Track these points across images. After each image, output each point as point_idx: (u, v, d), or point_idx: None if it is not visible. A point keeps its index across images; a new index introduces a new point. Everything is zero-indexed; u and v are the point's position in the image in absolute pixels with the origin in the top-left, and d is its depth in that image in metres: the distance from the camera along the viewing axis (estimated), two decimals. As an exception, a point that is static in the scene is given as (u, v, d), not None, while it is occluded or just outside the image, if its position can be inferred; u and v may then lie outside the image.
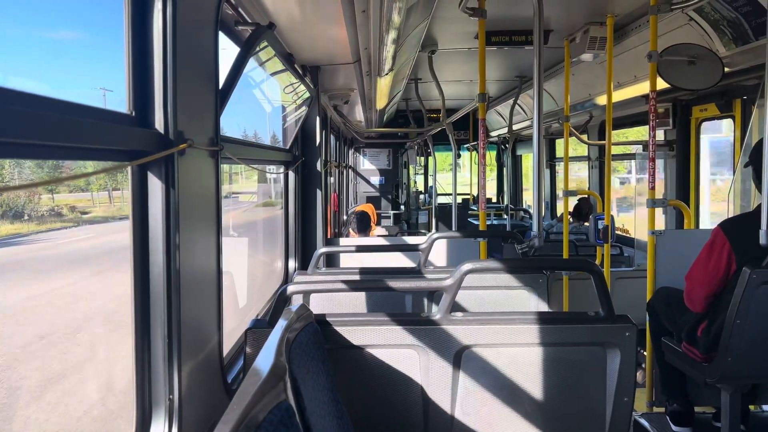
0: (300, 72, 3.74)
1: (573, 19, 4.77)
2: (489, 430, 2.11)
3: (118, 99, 1.52)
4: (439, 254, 4.64)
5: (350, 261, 4.62)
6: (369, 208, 8.97)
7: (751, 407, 3.60)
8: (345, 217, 9.83)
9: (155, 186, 1.56)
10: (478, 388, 2.10)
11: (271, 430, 1.17)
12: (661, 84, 3.91)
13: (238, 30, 2.54)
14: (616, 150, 6.84)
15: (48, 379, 2.27)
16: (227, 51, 2.35)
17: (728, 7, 3.75)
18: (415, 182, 14.55)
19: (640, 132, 7.70)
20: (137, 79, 1.53)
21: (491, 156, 12.71)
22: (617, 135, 7.97)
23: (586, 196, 7.04)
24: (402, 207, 13.06)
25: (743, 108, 4.74)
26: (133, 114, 1.53)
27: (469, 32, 5.12)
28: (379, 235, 7.08)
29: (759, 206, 3.02)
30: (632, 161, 8.73)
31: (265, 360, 1.40)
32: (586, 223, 7.10)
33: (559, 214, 8.95)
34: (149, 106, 1.54)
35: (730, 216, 3.82)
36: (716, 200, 6.50)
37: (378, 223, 11.17)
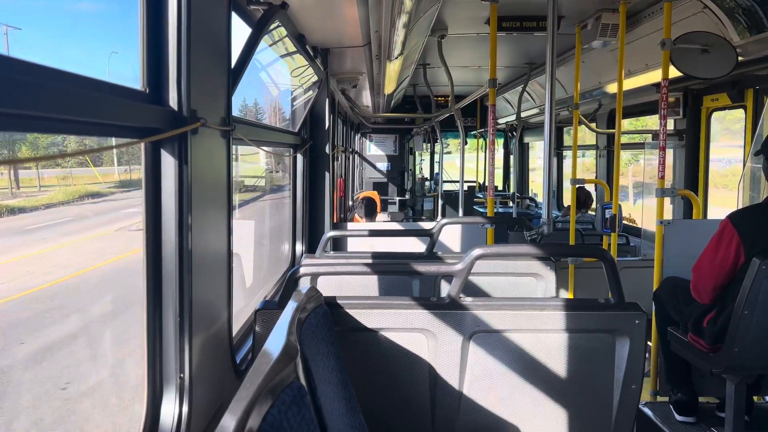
0: (311, 53, 3.72)
1: (585, 5, 4.71)
2: (496, 414, 2.11)
3: (132, 76, 1.51)
4: (445, 241, 4.64)
5: (356, 246, 4.62)
6: (374, 195, 8.96)
7: (756, 398, 3.60)
8: (351, 203, 9.82)
9: (168, 164, 1.55)
10: (486, 372, 2.10)
11: (284, 409, 1.17)
12: (673, 73, 3.87)
13: (251, 9, 2.52)
14: (624, 139, 6.79)
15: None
16: (239, 31, 2.33)
17: (744, -5, 3.69)
18: (421, 169, 14.50)
19: (653, 121, 7.63)
20: (151, 56, 1.52)
21: (498, 143, 12.65)
22: (628, 123, 7.92)
23: (583, 185, 7.01)
24: (407, 193, 13.03)
25: (755, 98, 4.69)
26: (147, 91, 1.52)
27: (480, 17, 5.07)
28: (383, 221, 7.08)
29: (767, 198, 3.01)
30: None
31: (276, 340, 1.40)
32: (591, 212, 7.08)
33: (566, 205, 8.92)
34: (163, 83, 1.53)
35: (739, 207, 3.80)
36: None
37: (383, 210, 11.16)
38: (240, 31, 2.40)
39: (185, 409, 1.58)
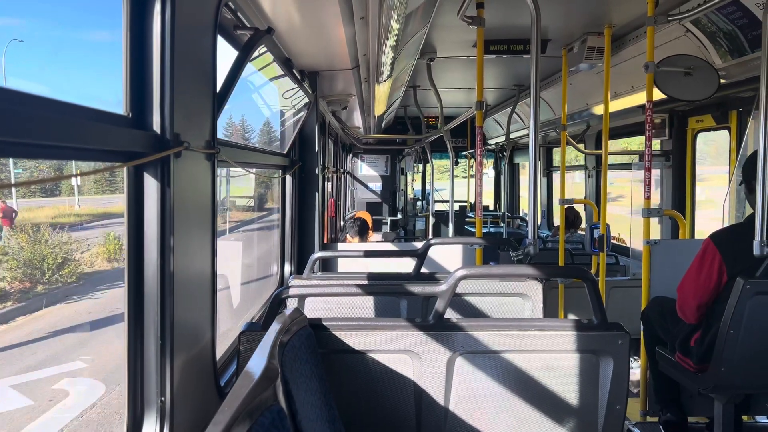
0: (298, 77, 3.76)
1: (571, 28, 4.80)
2: None
3: (114, 101, 1.53)
4: (435, 260, 4.65)
5: (346, 266, 4.62)
6: (365, 215, 8.98)
7: (744, 418, 3.60)
8: (342, 223, 9.83)
9: (151, 187, 1.56)
10: (471, 393, 2.10)
11: None
12: (658, 94, 3.93)
13: (237, 34, 2.56)
14: (612, 159, 6.86)
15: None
16: (226, 55, 2.36)
17: (725, 20, 3.77)
18: (413, 189, 14.56)
19: (639, 142, 7.71)
20: (135, 80, 1.54)
21: (488, 164, 12.73)
22: (617, 144, 8.00)
23: (572, 205, 7.07)
24: (399, 213, 13.06)
25: (739, 119, 4.76)
26: (130, 115, 1.53)
27: (468, 40, 5.15)
28: (375, 242, 7.09)
29: (749, 217, 3.04)
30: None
31: (257, 363, 1.40)
32: (580, 231, 7.12)
33: (556, 225, 8.96)
34: (146, 107, 1.55)
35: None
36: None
37: (375, 230, 11.18)
38: (227, 54, 2.43)
39: None
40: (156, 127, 1.55)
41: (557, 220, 8.51)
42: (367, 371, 2.10)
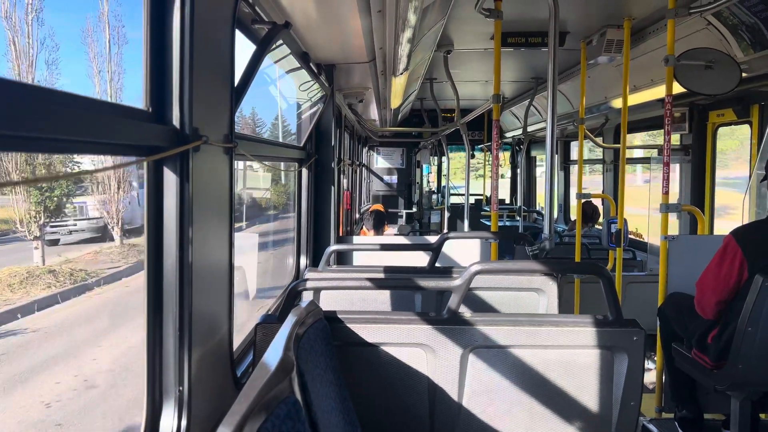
0: (315, 70, 3.76)
1: (590, 21, 4.75)
2: (495, 429, 2.12)
3: (134, 95, 1.55)
4: (450, 254, 4.65)
5: (361, 259, 4.64)
6: (380, 209, 8.99)
7: (762, 416, 3.57)
8: (357, 216, 9.86)
9: (170, 181, 1.58)
10: (484, 387, 2.11)
11: (278, 423, 1.19)
12: (678, 88, 3.88)
13: (255, 28, 2.57)
14: (630, 154, 6.80)
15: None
16: (243, 49, 2.37)
17: (747, 12, 3.71)
18: (429, 182, 14.53)
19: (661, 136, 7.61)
20: (155, 75, 1.56)
21: (505, 157, 12.66)
22: (636, 138, 7.91)
23: (590, 199, 7.01)
24: (415, 206, 13.05)
25: (761, 114, 4.69)
26: (150, 110, 1.55)
27: (485, 33, 5.12)
28: (391, 235, 7.11)
29: None
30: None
31: (273, 355, 1.42)
32: (598, 226, 7.06)
33: (573, 219, 8.90)
34: (166, 102, 1.57)
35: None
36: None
37: (391, 223, 11.18)
38: (245, 48, 2.45)
39: (184, 422, 1.60)
40: (176, 121, 1.57)
41: (574, 214, 8.46)
42: (381, 364, 2.12)
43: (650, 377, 4.34)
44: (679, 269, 3.79)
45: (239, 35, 2.46)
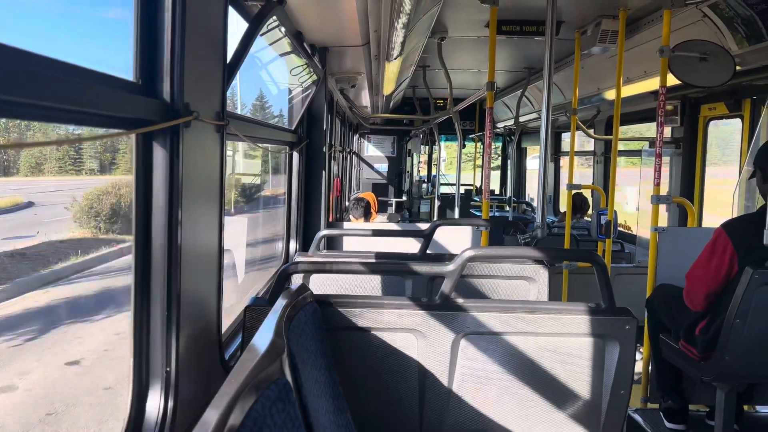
0: (308, 52, 3.71)
1: (585, 11, 4.72)
2: (484, 415, 2.11)
3: (124, 67, 1.50)
4: (440, 242, 4.64)
5: (352, 245, 4.61)
6: (369, 196, 8.95)
7: (746, 407, 3.60)
8: (347, 203, 9.82)
9: (159, 157, 1.54)
10: (475, 373, 2.10)
11: (268, 404, 1.16)
12: (671, 81, 3.88)
13: (248, 5, 2.52)
14: (622, 146, 6.80)
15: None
16: (237, 26, 2.32)
17: (743, 5, 3.70)
18: (419, 171, 14.50)
19: (651, 129, 7.64)
20: (145, 47, 1.51)
21: (496, 147, 12.66)
22: (627, 130, 7.93)
23: (579, 191, 7.02)
24: (404, 195, 13.03)
25: (752, 108, 4.70)
26: (140, 82, 1.51)
27: (480, 20, 5.07)
28: (380, 222, 7.09)
29: (762, 207, 3.01)
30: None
31: (264, 337, 1.39)
32: (587, 218, 7.08)
33: (562, 210, 8.93)
34: (156, 75, 1.52)
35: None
36: None
37: (380, 211, 11.16)
38: (237, 26, 2.40)
39: (171, 403, 1.57)
40: (165, 95, 1.53)
41: (563, 205, 8.48)
42: (371, 349, 2.10)
43: (637, 368, 4.35)
44: (668, 261, 3.80)
45: (233, 13, 2.41)
